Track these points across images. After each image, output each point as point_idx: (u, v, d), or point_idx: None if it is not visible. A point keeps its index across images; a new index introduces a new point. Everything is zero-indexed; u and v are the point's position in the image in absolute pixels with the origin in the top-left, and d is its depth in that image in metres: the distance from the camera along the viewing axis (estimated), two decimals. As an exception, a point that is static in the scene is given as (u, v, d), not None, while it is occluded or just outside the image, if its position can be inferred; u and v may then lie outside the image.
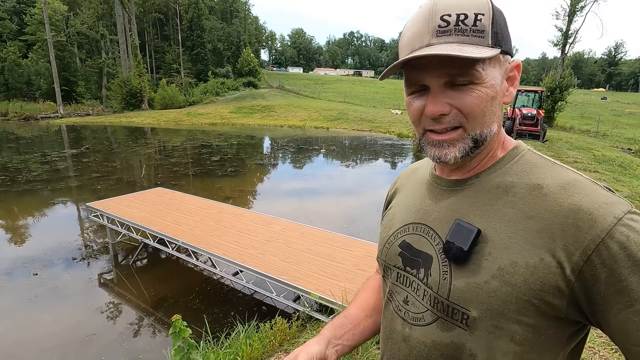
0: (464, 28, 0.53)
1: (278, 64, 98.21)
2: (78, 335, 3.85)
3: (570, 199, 0.51)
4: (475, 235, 0.55)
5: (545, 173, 0.56)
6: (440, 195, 0.64)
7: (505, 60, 0.58)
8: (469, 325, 0.55)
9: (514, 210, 0.55)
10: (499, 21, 0.55)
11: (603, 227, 0.48)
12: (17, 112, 28.72)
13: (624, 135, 19.26)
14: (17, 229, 6.96)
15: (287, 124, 24.06)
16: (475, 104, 0.55)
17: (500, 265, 0.53)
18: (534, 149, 0.62)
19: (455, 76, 0.55)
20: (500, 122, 0.60)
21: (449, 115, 0.57)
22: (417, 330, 0.61)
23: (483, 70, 0.54)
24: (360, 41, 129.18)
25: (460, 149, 0.58)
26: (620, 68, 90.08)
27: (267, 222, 5.18)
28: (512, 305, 0.52)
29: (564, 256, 0.49)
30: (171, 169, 11.87)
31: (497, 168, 0.60)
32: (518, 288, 0.51)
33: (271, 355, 2.78)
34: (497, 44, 0.54)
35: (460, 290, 0.55)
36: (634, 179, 8.37)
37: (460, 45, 0.53)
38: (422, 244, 0.63)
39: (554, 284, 0.50)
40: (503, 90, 0.58)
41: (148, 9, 46.55)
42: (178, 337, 2.14)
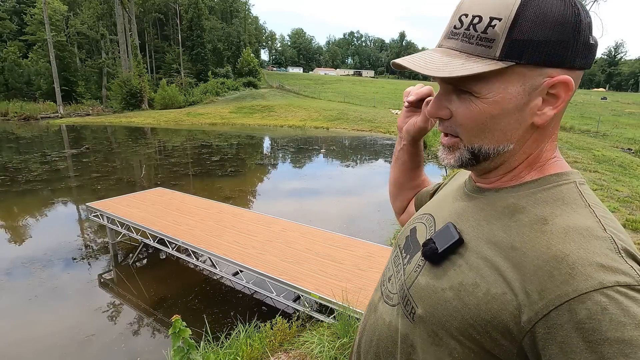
0: (471, 34, 0.49)
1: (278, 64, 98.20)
2: (77, 335, 3.85)
3: (562, 246, 0.45)
4: (454, 242, 0.54)
5: (564, 211, 0.49)
6: (460, 197, 0.64)
7: (540, 74, 0.48)
8: (414, 320, 0.56)
9: (505, 236, 0.50)
10: (528, 28, 0.46)
11: (578, 287, 0.41)
12: (17, 112, 28.71)
13: (624, 135, 19.25)
14: (17, 229, 6.96)
15: (287, 124, 24.06)
16: (468, 117, 0.51)
17: (463, 280, 0.51)
18: (586, 186, 0.53)
19: (456, 84, 0.51)
20: (526, 142, 0.53)
21: (448, 121, 0.55)
22: (385, 307, 0.65)
23: (485, 84, 0.49)
24: (360, 41, 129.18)
25: (456, 158, 0.55)
26: (620, 68, 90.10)
27: (267, 222, 5.17)
28: (455, 322, 0.50)
29: (526, 301, 0.44)
30: (171, 169, 11.87)
31: (521, 190, 0.54)
32: (467, 308, 0.49)
33: (271, 355, 2.78)
34: (513, 56, 0.47)
35: (419, 286, 0.56)
36: (634, 179, 8.37)
37: (454, 54, 0.50)
38: (421, 234, 0.65)
39: (505, 323, 0.45)
40: (532, 108, 0.50)
41: (148, 9, 46.54)
42: (178, 337, 2.14)
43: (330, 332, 2.96)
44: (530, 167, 0.55)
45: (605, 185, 7.31)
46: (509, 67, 0.47)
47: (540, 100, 0.50)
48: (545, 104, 0.50)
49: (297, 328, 3.17)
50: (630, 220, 5.17)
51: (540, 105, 0.50)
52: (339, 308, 3.01)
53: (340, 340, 2.72)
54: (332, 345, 2.68)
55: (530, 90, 0.49)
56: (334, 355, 2.60)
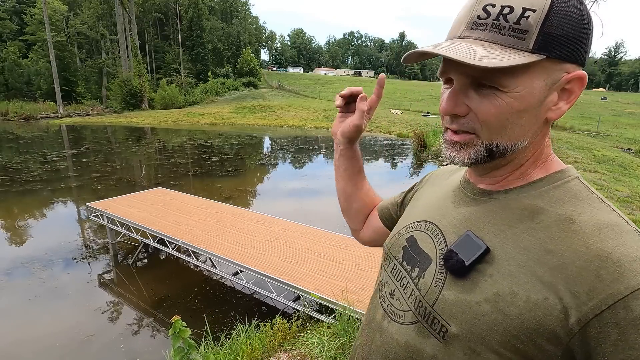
0: (502, 24, 0.47)
1: (278, 64, 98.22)
2: (77, 335, 3.85)
3: (601, 244, 0.45)
4: (482, 252, 0.51)
5: (585, 208, 0.49)
6: (462, 200, 0.61)
7: (560, 69, 0.48)
8: (446, 339, 0.52)
9: (533, 239, 0.49)
10: (559, 22, 0.46)
11: (630, 284, 0.41)
12: (17, 112, 28.72)
13: (624, 135, 19.25)
14: (17, 229, 6.96)
15: (287, 124, 24.06)
16: (492, 113, 0.49)
17: (499, 291, 0.49)
18: (583, 178, 0.55)
19: (479, 78, 0.49)
20: (536, 138, 0.53)
21: (464, 118, 0.52)
22: (395, 326, 0.60)
23: (513, 78, 0.47)
24: (360, 41, 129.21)
25: (470, 155, 0.53)
26: (620, 68, 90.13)
27: (267, 222, 5.17)
28: (497, 335, 0.48)
29: (573, 303, 0.44)
30: (171, 169, 11.87)
31: (531, 189, 0.54)
32: (510, 320, 0.47)
33: (271, 355, 2.78)
34: (544, 49, 0.46)
35: (448, 302, 0.52)
36: (634, 179, 8.37)
37: (487, 45, 0.47)
38: (426, 244, 0.61)
39: (551, 329, 0.45)
40: (548, 103, 0.50)
41: (148, 9, 46.58)
42: (178, 337, 2.14)
43: (330, 332, 2.96)
44: (535, 164, 0.55)
45: (605, 185, 7.31)
46: (537, 61, 0.47)
47: (556, 95, 0.50)
48: (560, 99, 0.51)
49: (297, 328, 3.17)
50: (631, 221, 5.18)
51: (556, 100, 0.51)
52: (339, 308, 3.01)
53: (340, 340, 2.72)
54: (332, 345, 2.68)
55: (551, 85, 0.49)
56: (334, 355, 2.60)
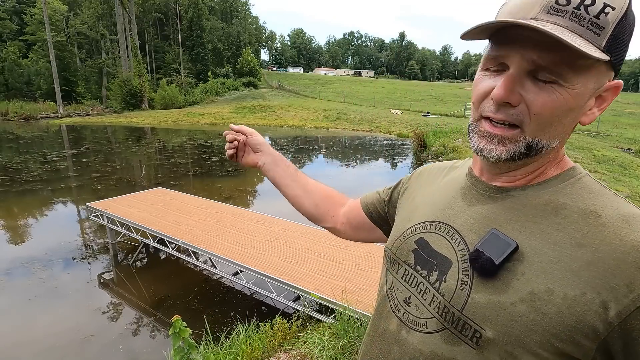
0: (583, 15, 0.44)
1: (278, 64, 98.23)
2: (77, 335, 3.85)
3: (635, 235, 0.44)
4: (512, 250, 0.49)
5: (604, 201, 0.49)
6: (475, 199, 0.58)
7: (607, 75, 0.48)
8: (480, 344, 0.49)
9: (562, 234, 0.48)
10: (625, 27, 0.45)
11: None
12: (17, 112, 28.75)
13: (624, 135, 19.25)
14: (17, 229, 6.96)
15: (287, 124, 24.07)
16: (549, 107, 0.47)
17: (533, 289, 0.47)
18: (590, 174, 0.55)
19: (543, 68, 0.46)
20: (563, 139, 0.53)
21: (514, 109, 0.49)
22: (416, 336, 0.56)
23: (575, 74, 0.46)
24: (360, 41, 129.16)
25: (509, 150, 0.51)
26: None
27: (267, 222, 5.17)
28: (536, 336, 0.46)
29: (612, 296, 0.43)
30: (171, 169, 11.87)
31: (548, 186, 0.53)
32: (549, 319, 0.45)
33: (271, 355, 2.78)
34: (611, 50, 0.45)
35: (479, 305, 0.50)
36: (634, 179, 8.37)
37: (570, 33, 0.44)
38: (441, 246, 0.58)
39: (590, 324, 0.44)
40: (586, 107, 0.49)
41: (148, 9, 46.59)
42: (178, 337, 2.14)
43: (330, 332, 2.96)
44: (553, 163, 0.55)
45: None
46: (598, 61, 0.45)
47: (594, 100, 0.50)
48: (597, 104, 0.50)
49: (297, 328, 3.17)
50: (630, 220, 5.18)
51: (592, 105, 0.50)
52: (339, 308, 3.01)
53: (340, 340, 2.72)
54: (332, 345, 2.68)
55: (595, 89, 0.48)
56: (334, 355, 2.60)
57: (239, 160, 0.97)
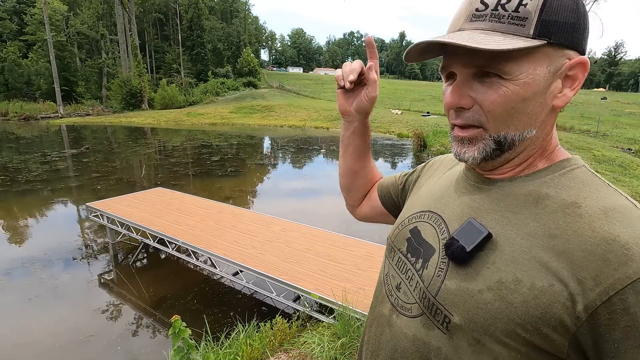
0: (501, 13, 0.47)
1: (278, 64, 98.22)
2: (77, 336, 3.85)
3: (608, 227, 0.43)
4: (483, 238, 0.50)
5: (590, 192, 0.48)
6: (464, 189, 0.60)
7: (562, 55, 0.48)
8: (449, 330, 0.51)
9: (538, 225, 0.48)
10: (556, 9, 0.46)
11: (639, 268, 0.40)
12: (17, 112, 28.71)
13: (624, 135, 19.24)
14: (17, 229, 6.96)
15: (287, 124, 24.06)
16: (497, 102, 0.49)
17: (502, 278, 0.47)
18: (590, 167, 0.54)
19: (482, 67, 0.49)
20: (544, 127, 0.52)
21: (469, 111, 0.52)
22: (403, 319, 0.58)
23: (516, 65, 0.47)
24: (360, 41, 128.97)
25: (479, 150, 0.52)
26: (620, 68, 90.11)
27: (267, 222, 5.17)
28: (500, 324, 0.46)
29: (579, 289, 0.42)
30: (171, 169, 11.87)
31: (536, 177, 0.53)
32: (513, 308, 0.45)
33: (271, 355, 2.78)
34: (544, 35, 0.46)
35: (450, 291, 0.51)
36: (634, 179, 8.38)
37: (487, 33, 0.47)
38: (429, 235, 0.60)
39: (557, 317, 0.43)
40: (553, 91, 0.50)
41: (148, 9, 46.57)
42: (178, 337, 2.14)
43: (330, 332, 2.96)
44: (542, 155, 0.54)
45: (605, 185, 7.32)
46: (538, 47, 0.47)
47: (560, 82, 0.50)
48: (564, 86, 0.51)
49: (297, 328, 3.17)
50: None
51: (561, 87, 0.50)
52: (339, 308, 3.01)
53: (340, 340, 2.72)
54: (332, 345, 2.68)
55: (554, 71, 0.49)
56: (334, 355, 2.60)
57: (349, 93, 0.81)
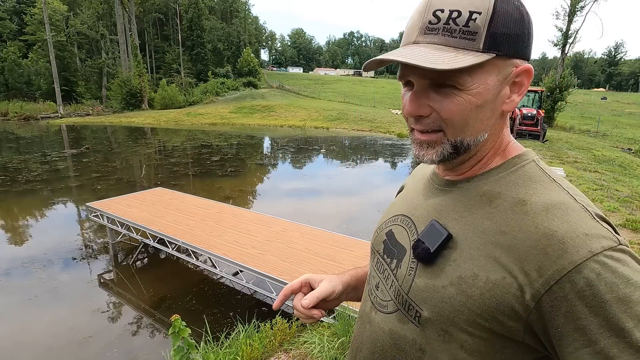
0: (453, 28, 0.50)
1: (278, 64, 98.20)
2: (76, 336, 3.85)
3: (548, 222, 0.48)
4: (444, 239, 0.54)
5: (537, 189, 0.52)
6: (431, 192, 0.64)
7: (509, 64, 0.52)
8: (421, 323, 0.55)
9: (490, 223, 0.52)
10: (503, 22, 0.49)
11: (573, 259, 0.44)
12: (17, 112, 28.70)
13: (624, 135, 19.25)
14: (16, 229, 6.96)
15: (287, 124, 24.05)
16: (454, 111, 0.52)
17: (462, 274, 0.52)
18: (541, 161, 0.58)
19: (437, 79, 0.52)
20: (495, 130, 0.56)
21: (428, 118, 0.55)
22: (380, 316, 0.63)
23: (469, 76, 0.50)
24: (360, 41, 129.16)
25: (438, 153, 0.56)
26: (620, 68, 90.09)
27: (267, 222, 5.17)
28: (462, 315, 0.51)
29: (526, 280, 0.47)
30: (171, 169, 11.87)
31: (491, 175, 0.57)
32: (472, 300, 0.50)
33: (271, 355, 2.78)
34: (493, 48, 0.50)
35: (419, 289, 0.56)
36: (634, 179, 8.38)
37: (440, 48, 0.50)
38: (402, 236, 0.64)
39: (510, 306, 0.48)
40: (502, 97, 0.53)
41: (148, 9, 46.54)
42: (177, 337, 2.14)
43: (330, 332, 2.96)
44: (495, 153, 0.58)
45: (605, 185, 7.31)
46: (489, 59, 0.50)
47: (508, 89, 0.54)
48: (512, 92, 0.54)
49: (297, 328, 3.17)
50: (630, 220, 5.17)
51: (509, 93, 0.54)
52: (338, 308, 3.01)
53: (340, 339, 2.72)
54: (332, 345, 2.68)
55: (502, 79, 0.53)
56: (333, 355, 2.60)
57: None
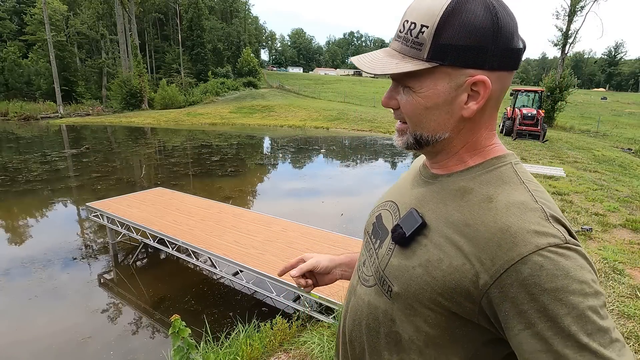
0: (408, 37, 0.57)
1: (278, 64, 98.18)
2: (76, 336, 3.85)
3: (506, 219, 0.53)
4: (418, 226, 0.61)
5: (505, 189, 0.58)
6: (417, 183, 0.71)
7: (462, 74, 0.56)
8: (392, 297, 0.63)
9: (459, 215, 0.58)
10: (451, 35, 0.54)
11: (520, 252, 0.50)
12: (17, 112, 28.70)
13: (624, 135, 19.26)
14: (17, 229, 6.96)
15: (287, 124, 24.05)
16: (407, 108, 0.61)
17: (430, 257, 0.58)
18: (520, 165, 0.62)
19: (399, 80, 0.61)
20: (459, 132, 0.61)
21: (398, 111, 0.64)
22: (363, 289, 0.71)
23: (417, 81, 0.58)
24: (360, 41, 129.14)
25: (404, 141, 0.65)
26: (620, 68, 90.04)
27: (267, 222, 5.17)
28: (426, 293, 0.58)
29: (482, 268, 0.52)
30: (171, 169, 11.86)
31: (468, 173, 0.62)
32: (436, 281, 0.57)
33: (271, 355, 2.78)
34: (437, 58, 0.55)
35: (393, 267, 0.63)
36: (634, 179, 8.37)
37: (394, 54, 0.59)
38: (387, 220, 0.72)
39: (466, 289, 0.54)
40: (459, 103, 0.58)
41: (148, 9, 46.53)
42: (178, 337, 2.14)
43: (330, 332, 2.95)
44: (472, 153, 0.63)
45: (605, 185, 7.31)
46: (436, 67, 0.56)
47: (466, 96, 0.58)
48: (470, 99, 0.58)
49: (297, 328, 3.17)
50: (630, 220, 5.17)
51: (466, 100, 0.58)
52: (338, 308, 3.01)
53: (340, 340, 2.71)
54: (332, 345, 2.68)
55: (456, 87, 0.57)
56: (334, 355, 2.60)
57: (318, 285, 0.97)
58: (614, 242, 4.43)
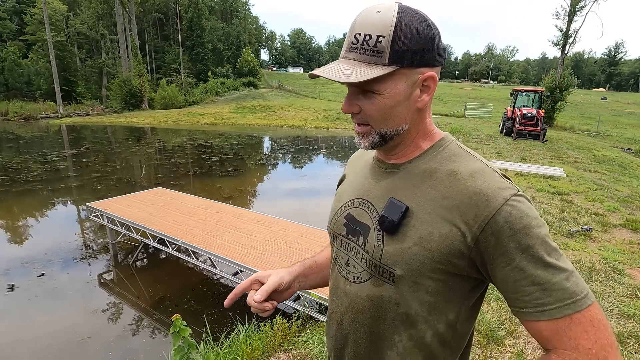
0: (366, 48, 0.64)
1: (278, 64, 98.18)
2: (76, 336, 3.85)
3: (475, 184, 0.64)
4: (403, 211, 0.68)
5: (461, 162, 0.69)
6: (380, 176, 0.77)
7: (416, 72, 0.66)
8: (395, 281, 0.69)
9: (434, 192, 0.68)
10: (404, 42, 0.63)
11: (494, 206, 0.62)
12: (17, 112, 28.72)
13: (624, 135, 19.25)
14: (16, 229, 6.96)
15: (287, 124, 24.05)
16: (374, 110, 0.68)
17: (421, 234, 0.66)
18: (459, 141, 0.75)
19: (361, 86, 0.66)
20: (415, 122, 0.71)
21: (359, 115, 0.70)
22: (355, 286, 0.75)
23: (382, 84, 0.65)
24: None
25: (369, 141, 0.71)
26: (620, 68, 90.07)
27: (267, 222, 5.17)
28: (427, 266, 0.65)
29: (466, 228, 0.63)
30: (171, 168, 11.86)
31: (425, 156, 0.72)
32: (432, 252, 0.65)
33: (271, 355, 2.78)
34: (397, 62, 0.63)
35: (390, 254, 0.69)
36: (634, 179, 8.37)
37: (356, 64, 0.65)
38: (362, 217, 0.76)
39: (458, 249, 0.64)
40: (414, 97, 0.68)
41: (148, 9, 46.55)
42: (178, 336, 2.14)
43: (330, 332, 2.95)
44: (424, 138, 0.74)
45: (605, 185, 7.31)
46: (396, 69, 0.64)
47: (419, 90, 0.68)
48: (422, 93, 0.68)
49: (297, 328, 3.17)
50: (630, 220, 5.17)
51: (419, 94, 0.68)
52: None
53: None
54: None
55: (412, 84, 0.67)
56: None
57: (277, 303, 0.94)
58: (614, 242, 4.43)
